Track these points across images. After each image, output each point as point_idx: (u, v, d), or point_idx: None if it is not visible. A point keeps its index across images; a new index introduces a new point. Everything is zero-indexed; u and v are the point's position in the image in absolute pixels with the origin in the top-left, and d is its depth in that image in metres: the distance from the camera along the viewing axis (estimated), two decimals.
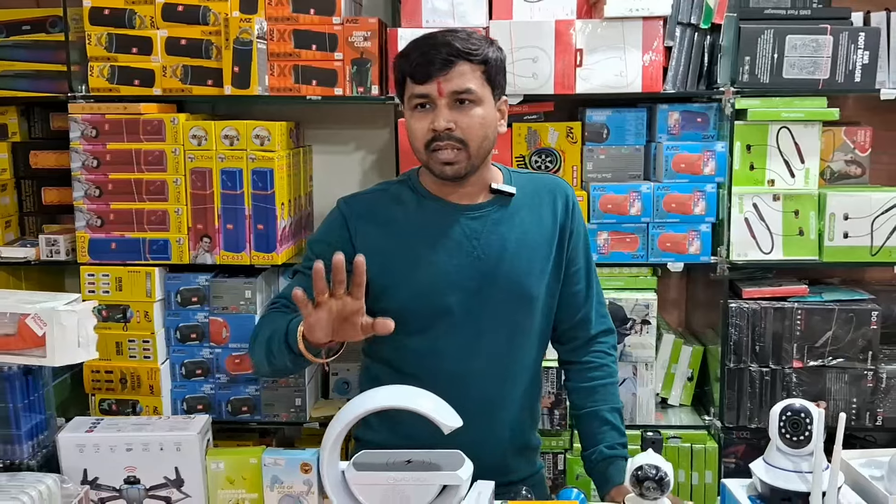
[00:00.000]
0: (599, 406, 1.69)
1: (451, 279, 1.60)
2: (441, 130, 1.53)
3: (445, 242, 1.60)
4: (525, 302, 1.64)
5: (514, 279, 1.62)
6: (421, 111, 1.56)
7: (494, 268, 1.61)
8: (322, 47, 2.32)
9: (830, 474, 1.17)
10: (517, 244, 1.62)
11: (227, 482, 1.46)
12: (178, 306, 2.38)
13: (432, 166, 1.58)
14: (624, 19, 2.27)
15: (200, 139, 2.28)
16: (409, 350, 1.62)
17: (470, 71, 1.54)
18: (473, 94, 1.54)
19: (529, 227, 1.65)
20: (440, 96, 1.53)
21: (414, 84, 1.56)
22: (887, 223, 2.31)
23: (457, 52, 1.53)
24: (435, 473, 1.37)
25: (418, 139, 1.57)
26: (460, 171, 1.57)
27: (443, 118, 1.53)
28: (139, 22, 2.34)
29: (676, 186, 2.34)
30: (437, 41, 1.55)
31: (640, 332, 2.39)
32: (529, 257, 1.64)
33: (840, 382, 2.32)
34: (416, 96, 1.56)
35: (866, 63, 2.29)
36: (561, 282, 1.70)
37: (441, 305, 1.60)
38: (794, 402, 1.23)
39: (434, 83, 1.53)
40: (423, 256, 1.60)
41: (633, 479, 1.22)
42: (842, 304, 2.33)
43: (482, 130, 1.56)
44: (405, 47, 1.62)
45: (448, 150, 1.54)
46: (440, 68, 1.52)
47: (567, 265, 1.70)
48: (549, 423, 2.38)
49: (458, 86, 1.53)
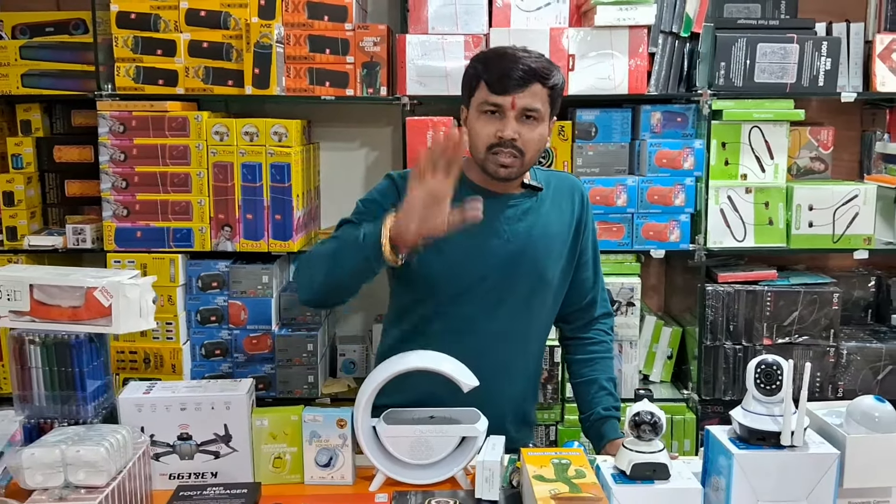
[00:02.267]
0: (598, 374, 1.90)
1: (484, 257, 1.77)
2: (507, 139, 1.68)
3: (483, 225, 1.72)
4: (542, 283, 1.83)
5: (535, 262, 1.80)
6: (489, 116, 1.71)
7: (520, 251, 1.79)
8: (335, 51, 2.51)
9: (798, 416, 1.38)
10: (540, 232, 1.81)
11: (270, 437, 1.61)
12: (198, 291, 2.56)
13: (488, 166, 1.73)
14: (612, 28, 2.49)
15: (222, 135, 2.46)
16: (437, 316, 1.79)
17: (540, 91, 1.69)
18: (539, 113, 1.70)
19: (551, 218, 1.83)
20: (512, 109, 1.68)
21: (490, 93, 1.68)
22: (847, 213, 2.55)
23: (534, 73, 1.67)
24: (456, 426, 1.57)
25: (483, 140, 1.71)
26: (512, 175, 1.74)
27: (511, 129, 1.68)
28: (164, 26, 2.51)
29: (658, 180, 2.57)
30: (518, 59, 1.68)
31: (625, 313, 2.61)
32: (549, 244, 1.82)
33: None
34: (489, 104, 1.69)
35: (828, 69, 2.53)
36: (573, 269, 1.89)
37: (472, 278, 1.77)
38: (768, 357, 1.43)
39: (510, 97, 1.67)
40: (463, 234, 1.72)
41: (632, 423, 1.41)
42: (807, 288, 2.57)
43: (538, 145, 1.73)
44: (484, 55, 1.77)
45: (508, 156, 1.70)
46: (518, 85, 1.66)
47: (580, 255, 1.89)
48: (543, 397, 2.59)
49: (528, 103, 1.68)
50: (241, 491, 1.51)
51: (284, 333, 2.61)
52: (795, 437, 1.36)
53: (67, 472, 1.30)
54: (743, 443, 1.39)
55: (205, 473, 1.59)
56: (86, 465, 1.31)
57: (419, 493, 1.51)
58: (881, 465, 1.38)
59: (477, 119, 1.72)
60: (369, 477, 1.58)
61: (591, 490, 1.33)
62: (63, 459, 1.30)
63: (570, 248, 1.86)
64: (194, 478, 1.58)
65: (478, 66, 1.73)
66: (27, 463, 1.30)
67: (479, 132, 1.71)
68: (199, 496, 1.49)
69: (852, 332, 2.67)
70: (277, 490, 1.56)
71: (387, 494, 1.52)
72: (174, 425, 1.60)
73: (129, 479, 1.39)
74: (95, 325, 1.59)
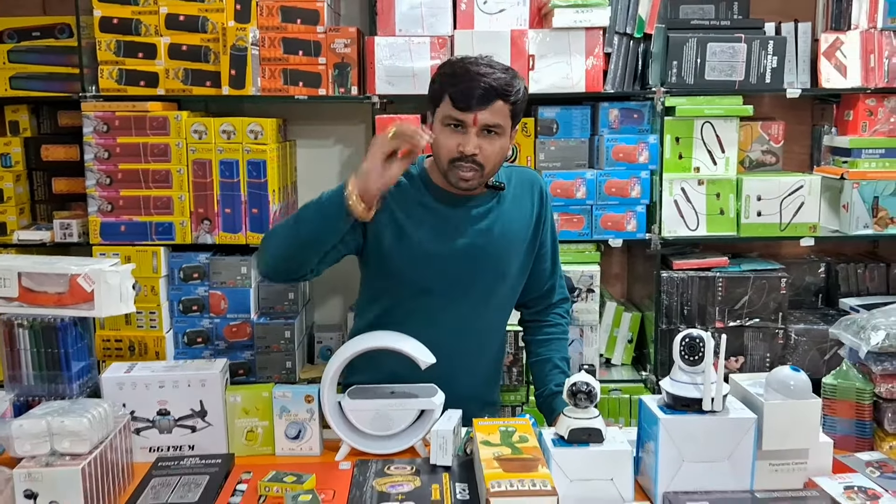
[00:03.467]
0: (552, 354, 2.01)
1: (448, 255, 1.86)
2: (468, 154, 1.76)
3: (449, 224, 1.86)
4: (502, 278, 1.93)
5: (496, 259, 1.90)
6: (452, 130, 1.77)
7: (482, 249, 1.88)
8: (308, 53, 2.64)
9: (717, 384, 1.51)
10: (501, 230, 1.90)
11: (243, 412, 1.71)
12: (180, 281, 2.68)
13: (450, 177, 1.79)
14: (569, 29, 2.62)
15: (201, 133, 2.59)
16: (401, 307, 1.90)
17: (502, 108, 1.75)
18: (500, 128, 1.76)
19: (513, 216, 1.92)
20: (473, 125, 1.75)
21: (453, 108, 1.74)
22: (793, 203, 2.69)
23: (496, 92, 1.72)
24: (414, 400, 1.69)
25: (445, 153, 1.77)
26: (473, 187, 1.82)
27: (472, 145, 1.73)
28: (144, 30, 2.63)
29: (616, 173, 2.70)
30: (482, 75, 1.73)
31: (585, 299, 2.74)
32: (510, 241, 1.91)
33: (756, 340, 2.70)
34: (452, 118, 1.74)
35: (774, 67, 2.66)
36: (532, 261, 1.99)
37: (435, 274, 1.86)
38: (692, 331, 1.56)
39: (472, 114, 1.72)
40: (429, 233, 1.85)
41: (569, 392, 1.53)
42: (756, 273, 2.71)
43: (499, 157, 1.81)
44: (451, 67, 1.78)
45: (468, 170, 1.78)
46: (480, 103, 1.71)
47: (539, 246, 1.98)
48: (508, 380, 2.72)
49: (489, 120, 1.73)
50: (216, 461, 1.61)
51: (263, 321, 2.73)
52: (716, 403, 1.47)
53: (53, 441, 1.41)
54: (669, 409, 1.50)
55: (182, 446, 1.69)
56: (70, 435, 1.42)
57: (379, 461, 1.62)
58: (796, 429, 1.49)
59: (441, 131, 1.78)
60: (335, 448, 1.68)
61: (532, 452, 1.44)
62: (49, 430, 1.41)
63: (529, 242, 1.95)
64: (173, 450, 1.68)
65: (443, 81, 1.78)
66: (16, 433, 1.40)
67: (443, 144, 1.78)
68: (177, 466, 1.59)
69: (801, 315, 2.82)
70: (250, 461, 1.65)
71: (350, 463, 1.62)
72: (153, 402, 1.69)
73: (111, 450, 1.49)
74: (79, 309, 1.68)
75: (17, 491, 1.36)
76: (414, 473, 1.55)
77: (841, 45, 2.75)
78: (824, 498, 1.44)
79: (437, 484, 1.50)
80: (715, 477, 1.46)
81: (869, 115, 2.77)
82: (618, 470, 1.46)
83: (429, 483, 1.51)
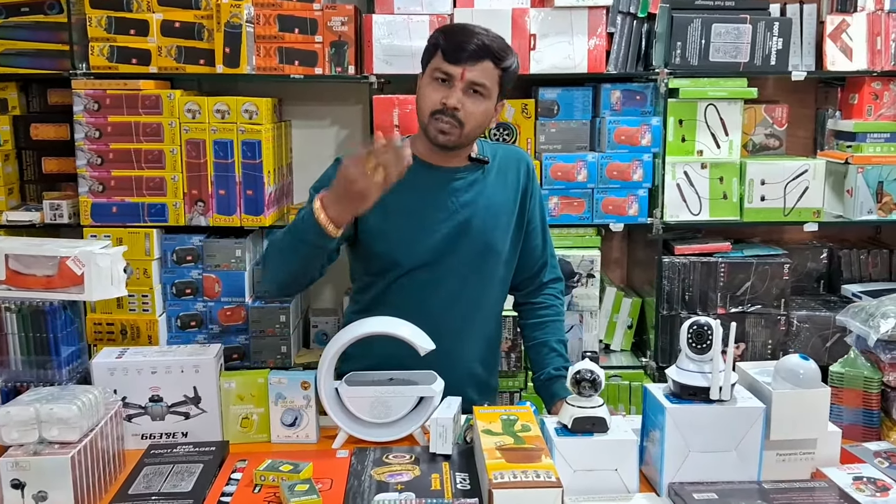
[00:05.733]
0: (548, 337, 2.00)
1: (433, 229, 1.86)
2: (450, 107, 1.77)
3: (433, 199, 1.86)
4: (491, 252, 1.92)
5: (482, 232, 1.89)
6: (439, 84, 1.79)
7: (467, 221, 1.88)
8: (304, 31, 2.58)
9: (725, 373, 1.48)
10: (486, 203, 1.90)
11: (237, 399, 1.69)
12: (174, 264, 2.64)
13: (429, 131, 1.81)
14: (572, 8, 2.58)
15: (195, 113, 2.54)
16: (392, 288, 1.89)
17: (491, 70, 1.77)
18: (485, 89, 1.79)
19: (497, 189, 1.92)
20: (461, 80, 1.77)
21: (443, 61, 1.77)
22: (797, 188, 2.66)
23: (487, 50, 1.76)
24: (413, 387, 1.66)
25: (427, 105, 1.79)
26: (450, 143, 1.82)
27: (456, 98, 1.77)
28: (136, 6, 2.57)
29: (618, 156, 2.66)
30: (476, 34, 1.77)
31: (585, 284, 2.71)
32: (495, 214, 1.91)
33: (758, 326, 2.68)
34: (440, 71, 1.77)
35: (780, 49, 2.62)
36: (522, 237, 1.98)
37: (423, 250, 1.86)
38: (700, 318, 1.53)
39: (460, 68, 1.76)
40: (414, 208, 1.85)
41: (573, 381, 1.51)
42: (759, 259, 2.69)
43: (480, 120, 1.81)
44: (448, 26, 1.87)
45: (447, 124, 1.78)
46: (470, 58, 1.74)
47: (528, 223, 1.98)
48: (507, 365, 2.70)
49: (477, 77, 1.77)
50: (210, 449, 1.58)
51: (258, 305, 2.70)
52: (723, 392, 1.45)
53: (42, 428, 1.38)
54: (676, 398, 1.48)
55: (175, 433, 1.67)
56: (59, 422, 1.39)
57: (378, 448, 1.60)
58: (805, 418, 1.48)
59: (428, 84, 1.81)
60: (332, 436, 1.65)
61: (534, 442, 1.42)
62: (37, 417, 1.38)
63: (517, 217, 1.95)
64: (165, 437, 1.66)
65: (438, 36, 1.82)
66: (3, 421, 1.38)
67: (427, 97, 1.80)
68: (170, 454, 1.56)
69: (804, 302, 2.79)
70: (246, 448, 1.63)
71: (348, 451, 1.59)
72: (145, 388, 1.66)
73: (102, 437, 1.47)
74: (69, 293, 1.66)
75: (3, 481, 1.34)
76: (413, 462, 1.53)
77: (847, 27, 2.71)
78: (833, 489, 1.42)
79: (437, 473, 1.48)
80: (721, 467, 1.44)
81: (874, 98, 2.74)
82: (623, 460, 1.43)
83: (428, 472, 1.49)
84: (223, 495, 1.42)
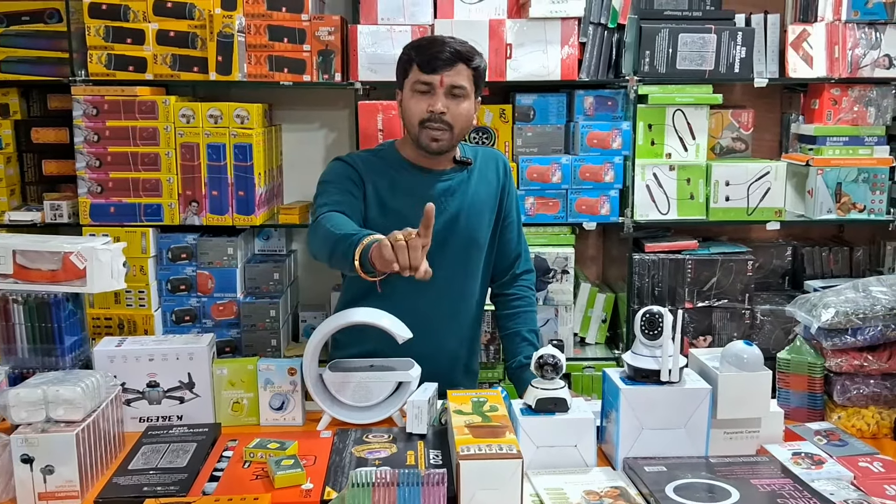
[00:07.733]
0: (520, 327, 2.12)
1: None
2: (437, 113, 1.90)
3: (419, 198, 1.90)
4: (475, 246, 2.05)
5: (468, 229, 2.02)
6: (421, 95, 1.93)
7: (454, 219, 2.01)
8: (292, 40, 2.70)
9: (674, 357, 1.60)
10: (471, 201, 2.03)
11: (229, 384, 1.79)
12: (168, 262, 2.76)
13: (422, 139, 1.94)
14: (546, 19, 2.70)
15: (189, 118, 2.66)
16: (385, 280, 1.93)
17: (465, 71, 1.92)
18: (464, 90, 1.93)
19: (480, 188, 2.05)
20: (441, 86, 1.91)
21: (421, 73, 1.91)
22: (760, 188, 2.79)
23: (459, 55, 1.91)
24: (392, 373, 1.77)
25: (415, 115, 1.92)
26: (443, 147, 1.95)
27: (441, 103, 1.91)
28: (133, 16, 2.69)
29: (590, 159, 2.79)
30: (445, 43, 1.92)
31: (560, 280, 2.84)
32: (479, 211, 2.04)
33: (723, 320, 2.81)
34: (420, 82, 1.91)
35: (743, 57, 2.75)
36: (499, 230, 2.10)
37: None
38: (652, 307, 1.66)
39: (438, 75, 1.90)
40: (409, 209, 1.95)
41: (537, 365, 1.62)
42: (724, 256, 2.82)
43: (465, 119, 1.95)
44: (416, 42, 2.00)
45: (438, 130, 1.92)
46: (446, 64, 1.89)
47: (504, 217, 2.11)
48: (486, 357, 2.82)
49: (455, 80, 1.91)
50: (204, 430, 1.68)
51: (249, 301, 2.81)
52: (673, 375, 1.56)
53: (48, 408, 1.48)
54: (630, 380, 1.59)
55: (171, 416, 1.77)
56: (65, 403, 1.48)
57: (359, 430, 1.70)
58: (748, 399, 1.59)
59: (410, 97, 1.94)
60: (317, 419, 1.75)
61: (500, 421, 1.52)
62: (45, 398, 1.48)
63: (496, 212, 2.09)
64: (162, 420, 1.76)
65: (410, 52, 1.97)
66: (13, 401, 1.47)
67: (413, 109, 1.93)
68: (166, 434, 1.67)
69: (768, 297, 2.92)
70: (237, 430, 1.72)
71: (331, 432, 1.69)
72: (143, 374, 1.76)
73: (103, 418, 1.57)
74: (72, 285, 1.75)
75: (14, 455, 1.43)
76: (391, 441, 1.63)
77: (808, 36, 2.84)
78: (773, 463, 1.53)
79: (413, 450, 1.58)
80: (672, 444, 1.55)
81: (833, 104, 2.87)
82: (581, 437, 1.55)
83: (405, 450, 1.59)
84: (215, 470, 1.52)
